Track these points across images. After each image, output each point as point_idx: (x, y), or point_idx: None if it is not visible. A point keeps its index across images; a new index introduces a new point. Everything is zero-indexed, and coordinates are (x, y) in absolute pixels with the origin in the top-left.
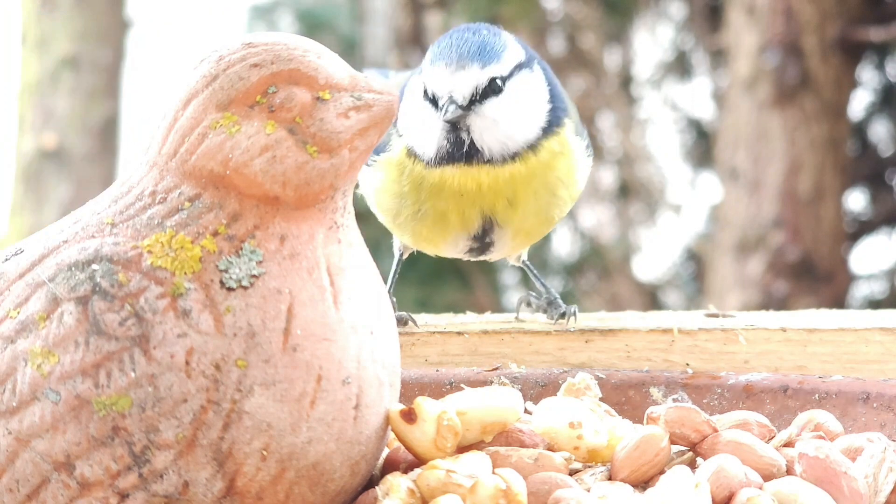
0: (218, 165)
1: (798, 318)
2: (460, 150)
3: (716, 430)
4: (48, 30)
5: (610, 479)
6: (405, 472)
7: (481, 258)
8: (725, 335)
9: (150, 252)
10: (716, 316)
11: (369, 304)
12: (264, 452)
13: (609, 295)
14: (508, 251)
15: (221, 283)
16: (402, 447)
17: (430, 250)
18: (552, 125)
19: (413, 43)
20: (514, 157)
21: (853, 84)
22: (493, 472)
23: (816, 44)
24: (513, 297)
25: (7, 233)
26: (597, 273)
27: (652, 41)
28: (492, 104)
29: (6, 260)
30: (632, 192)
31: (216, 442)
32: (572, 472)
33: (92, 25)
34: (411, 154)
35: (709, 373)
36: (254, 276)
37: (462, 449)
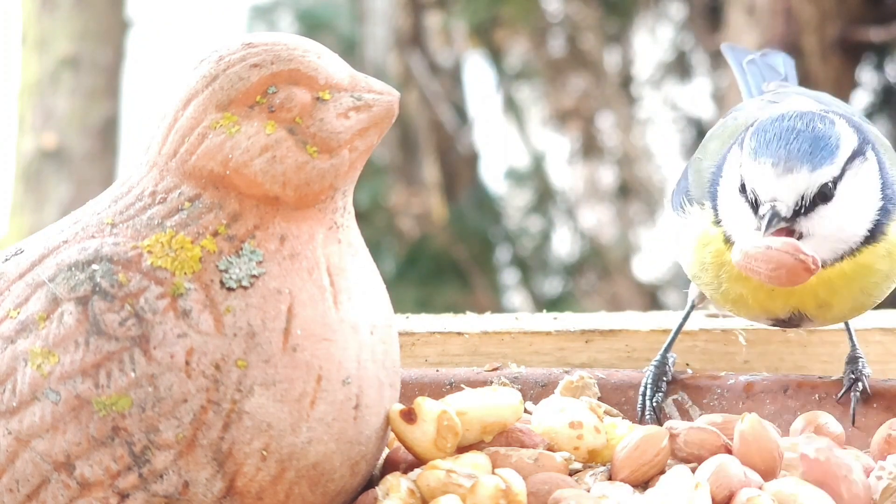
0: (218, 165)
1: None
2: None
3: (730, 451)
4: (48, 30)
5: (610, 479)
6: (405, 472)
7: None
8: (725, 335)
9: (150, 252)
10: (716, 316)
11: (369, 304)
12: (264, 452)
13: (609, 295)
14: (831, 324)
15: (221, 283)
16: (402, 447)
17: (732, 313)
18: (880, 223)
19: (413, 43)
20: (849, 254)
21: (853, 84)
22: (493, 472)
23: (816, 44)
24: (513, 297)
25: (7, 233)
26: (597, 273)
27: (652, 41)
28: (819, 214)
29: (6, 260)
30: (632, 192)
31: (216, 442)
32: (572, 472)
33: (92, 25)
34: (728, 242)
35: (709, 373)
36: (254, 276)
37: (462, 449)
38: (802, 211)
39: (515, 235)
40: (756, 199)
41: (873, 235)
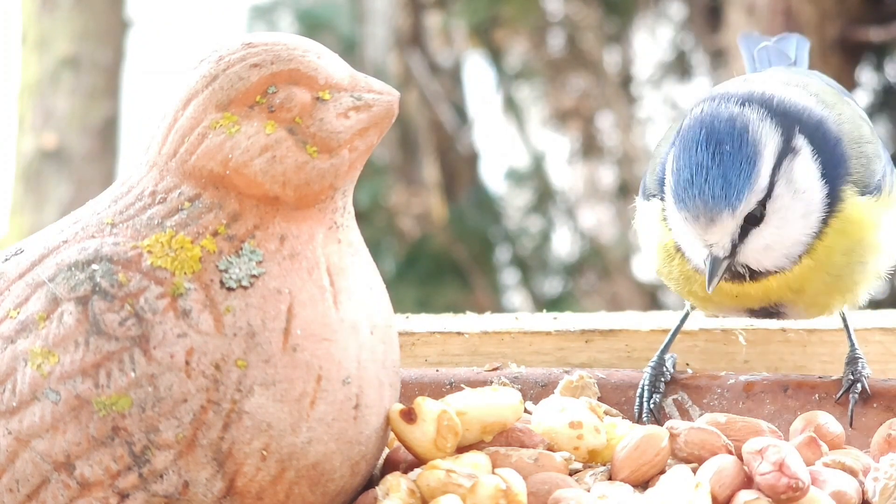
0: (218, 165)
1: None
2: (740, 279)
3: (731, 452)
4: (48, 30)
5: (610, 479)
6: (405, 472)
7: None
8: (725, 335)
9: (150, 252)
10: (716, 316)
11: (369, 304)
12: (264, 452)
13: (609, 295)
14: (808, 317)
15: (221, 283)
16: (402, 447)
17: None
18: (833, 204)
19: (413, 43)
20: (799, 257)
21: (853, 84)
22: (493, 472)
23: (816, 44)
24: (513, 297)
25: (7, 233)
26: (597, 273)
27: (652, 41)
28: (756, 235)
29: (6, 260)
30: (632, 192)
31: (216, 442)
32: (572, 472)
33: (92, 25)
34: (677, 246)
35: (709, 373)
36: (254, 276)
37: (462, 449)
38: (737, 241)
39: (515, 235)
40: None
41: (826, 221)
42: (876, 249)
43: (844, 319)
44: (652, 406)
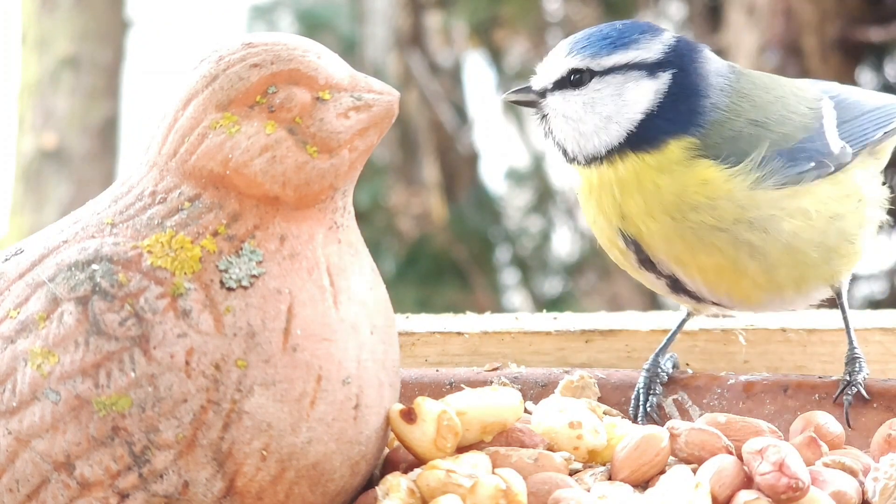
0: (218, 165)
1: (798, 318)
2: (549, 143)
3: (731, 453)
4: (48, 30)
5: (610, 479)
6: (405, 472)
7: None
8: (725, 335)
9: (150, 252)
10: (716, 316)
11: (369, 303)
12: (264, 452)
13: (609, 295)
14: (707, 289)
15: (221, 283)
16: (402, 447)
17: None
18: (651, 136)
19: (413, 43)
20: (595, 159)
21: (853, 84)
22: (493, 472)
23: (816, 44)
24: (513, 297)
25: (7, 233)
26: (597, 273)
27: None
28: (565, 98)
29: (6, 260)
30: None
31: (216, 442)
32: (572, 472)
33: (92, 25)
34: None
35: (709, 373)
36: (254, 276)
37: (462, 449)
38: (550, 89)
39: (515, 235)
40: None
41: (637, 145)
42: (744, 224)
43: (845, 319)
44: (648, 409)
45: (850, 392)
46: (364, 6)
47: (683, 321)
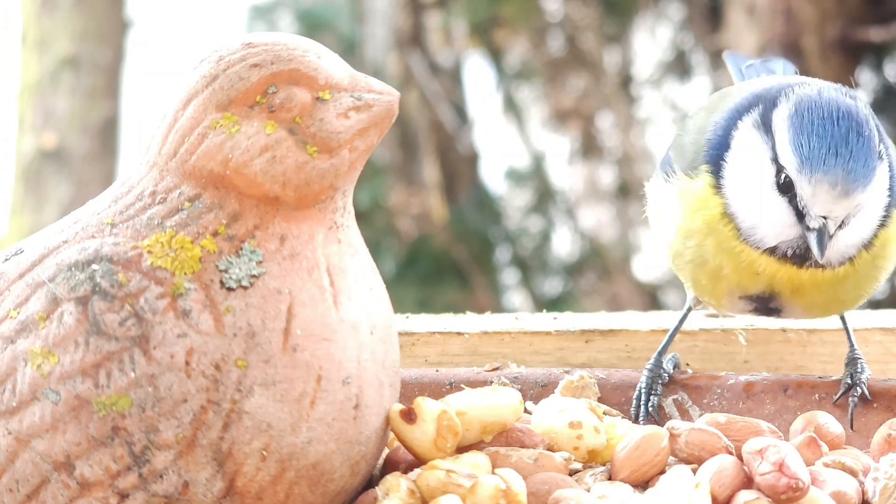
0: (218, 165)
1: None
2: (801, 260)
3: (731, 453)
4: (48, 30)
5: (610, 479)
6: (405, 472)
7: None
8: (725, 335)
9: (150, 252)
10: (716, 316)
11: (369, 304)
12: (264, 452)
13: (609, 295)
14: (805, 317)
15: (221, 283)
16: (402, 447)
17: (710, 302)
18: (887, 213)
19: (413, 43)
20: (849, 260)
21: (853, 85)
22: (493, 472)
23: (816, 44)
24: (513, 297)
25: (7, 233)
26: (597, 273)
27: (652, 41)
28: (853, 221)
29: (6, 260)
30: (632, 192)
31: (216, 442)
32: (572, 472)
33: (92, 25)
34: (725, 215)
35: (709, 373)
36: (254, 276)
37: (462, 449)
38: (842, 225)
39: (515, 235)
40: (805, 209)
41: (880, 227)
42: (894, 262)
43: (844, 320)
44: (650, 409)
45: (854, 394)
46: (364, 6)
47: (683, 318)
